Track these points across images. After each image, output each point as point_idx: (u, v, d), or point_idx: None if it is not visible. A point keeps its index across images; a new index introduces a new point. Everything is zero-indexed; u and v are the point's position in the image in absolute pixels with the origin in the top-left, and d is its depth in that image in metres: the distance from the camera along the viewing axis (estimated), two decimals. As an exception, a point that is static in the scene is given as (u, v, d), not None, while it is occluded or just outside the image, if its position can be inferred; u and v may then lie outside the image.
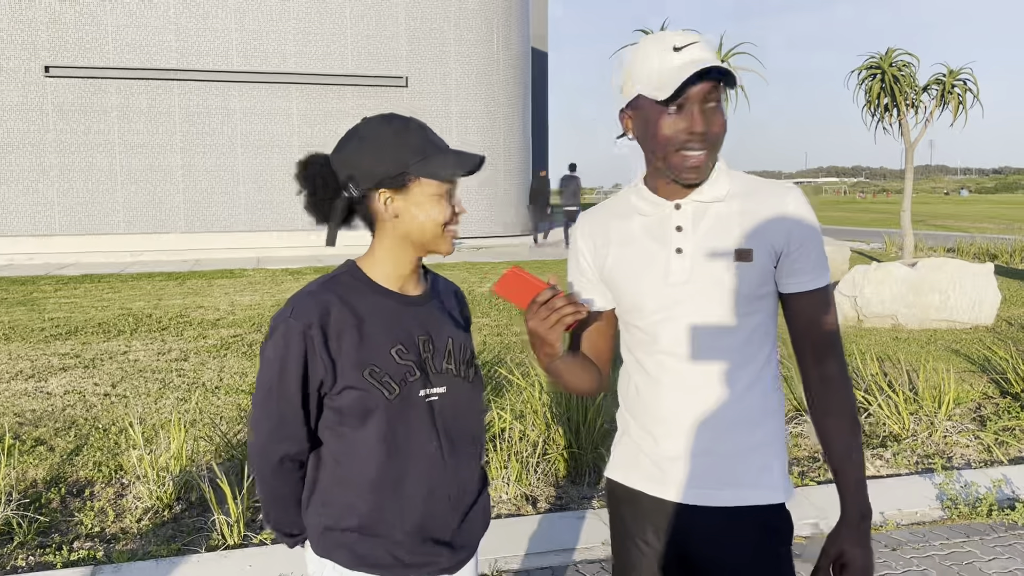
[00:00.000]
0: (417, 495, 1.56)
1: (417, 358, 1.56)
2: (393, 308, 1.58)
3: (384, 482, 1.54)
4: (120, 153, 18.47)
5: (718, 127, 1.50)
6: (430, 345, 1.59)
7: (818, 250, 1.55)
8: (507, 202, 22.10)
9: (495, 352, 6.94)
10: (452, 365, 1.61)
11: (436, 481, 1.58)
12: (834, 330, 1.57)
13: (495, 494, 4.01)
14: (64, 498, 3.94)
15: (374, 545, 1.56)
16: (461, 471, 1.62)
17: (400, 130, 1.54)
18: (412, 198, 1.53)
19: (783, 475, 1.60)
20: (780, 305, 1.61)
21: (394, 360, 1.53)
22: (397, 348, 1.55)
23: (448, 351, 1.61)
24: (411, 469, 1.56)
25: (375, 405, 1.52)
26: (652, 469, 1.62)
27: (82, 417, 5.17)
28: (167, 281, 12.38)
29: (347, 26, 19.85)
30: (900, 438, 4.86)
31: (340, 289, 1.55)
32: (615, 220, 1.64)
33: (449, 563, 1.62)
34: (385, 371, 1.52)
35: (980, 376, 6.20)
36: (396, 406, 1.53)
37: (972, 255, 15.51)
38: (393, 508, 1.56)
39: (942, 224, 28.55)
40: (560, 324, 1.44)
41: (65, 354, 7.06)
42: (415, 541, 1.57)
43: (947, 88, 13.67)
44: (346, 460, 1.55)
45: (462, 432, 1.63)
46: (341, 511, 1.56)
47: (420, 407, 1.56)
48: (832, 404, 1.57)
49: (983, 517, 3.93)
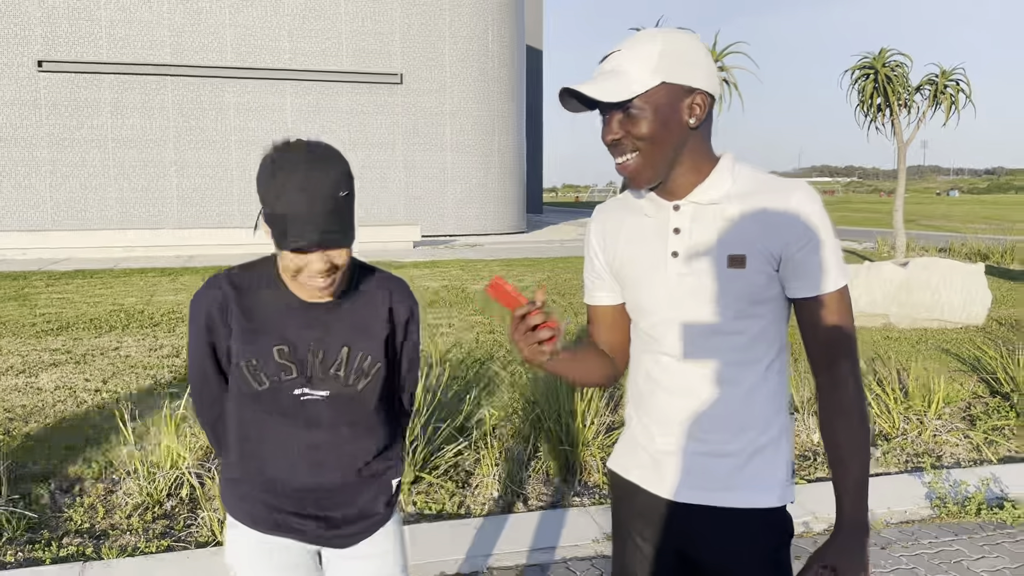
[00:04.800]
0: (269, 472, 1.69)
1: (298, 360, 1.63)
2: (290, 309, 1.65)
3: (246, 455, 1.70)
4: (113, 148, 18.41)
5: (636, 132, 1.47)
6: (320, 352, 1.64)
7: (826, 252, 1.49)
8: (502, 199, 22.10)
9: (487, 349, 6.94)
10: (342, 373, 1.66)
11: (288, 465, 1.68)
12: (846, 334, 1.52)
13: (486, 492, 4.02)
14: (54, 494, 3.93)
15: (237, 499, 1.74)
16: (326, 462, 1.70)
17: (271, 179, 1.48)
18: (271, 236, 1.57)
19: (786, 478, 1.58)
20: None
21: (273, 357, 1.61)
22: (279, 347, 1.62)
23: (341, 360, 1.66)
24: (267, 448, 1.68)
25: (246, 390, 1.64)
26: (650, 465, 1.63)
27: (72, 413, 5.15)
28: (160, 277, 12.34)
29: (342, 23, 19.81)
30: (890, 437, 4.88)
31: (251, 278, 1.66)
32: (627, 216, 1.64)
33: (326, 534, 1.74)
34: (262, 367, 1.61)
35: (970, 376, 6.23)
36: (264, 396, 1.63)
37: (964, 255, 15.56)
38: (248, 473, 1.71)
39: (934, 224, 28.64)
40: (535, 345, 1.40)
41: (56, 350, 7.03)
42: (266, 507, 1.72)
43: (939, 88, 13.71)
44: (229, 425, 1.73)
45: (336, 430, 1.69)
46: (227, 464, 1.77)
47: (290, 402, 1.65)
48: (839, 406, 1.53)
49: (972, 516, 3.95)
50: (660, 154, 1.49)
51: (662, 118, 1.47)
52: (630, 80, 1.46)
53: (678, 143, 1.50)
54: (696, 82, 1.49)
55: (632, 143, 1.49)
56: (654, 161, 1.50)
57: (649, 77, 1.46)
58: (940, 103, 13.78)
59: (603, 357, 1.71)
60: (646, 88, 1.45)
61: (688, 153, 1.52)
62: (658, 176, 1.52)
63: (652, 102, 1.46)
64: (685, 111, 1.49)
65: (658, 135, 1.48)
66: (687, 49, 1.49)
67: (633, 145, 1.49)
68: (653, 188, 1.57)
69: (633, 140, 1.48)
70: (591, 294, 1.73)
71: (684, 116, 1.49)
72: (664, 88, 1.47)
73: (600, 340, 1.73)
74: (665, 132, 1.48)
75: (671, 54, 1.47)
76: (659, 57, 1.46)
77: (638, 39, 1.50)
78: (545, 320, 1.40)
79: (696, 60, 1.49)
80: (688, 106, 1.49)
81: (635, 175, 1.51)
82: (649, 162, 1.50)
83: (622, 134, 1.49)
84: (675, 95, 1.48)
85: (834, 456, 1.54)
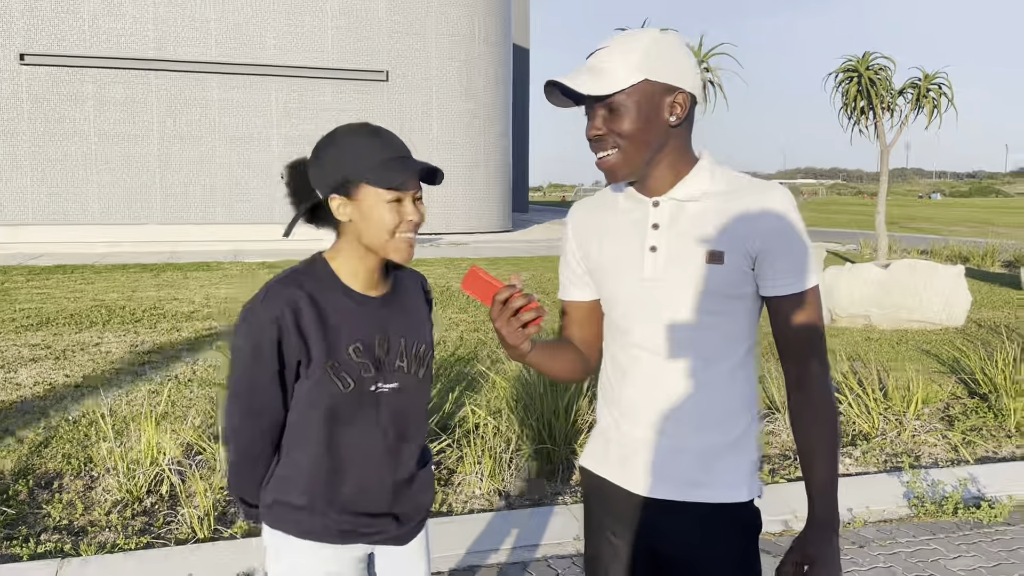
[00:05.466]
0: (354, 476, 1.68)
1: (372, 357, 1.66)
2: (354, 307, 1.67)
3: (323, 463, 1.66)
4: (96, 143, 18.25)
5: (618, 127, 1.49)
6: (385, 344, 1.69)
7: (798, 253, 1.51)
8: (488, 198, 22.09)
9: (471, 347, 6.94)
10: (404, 363, 1.72)
11: (375, 463, 1.70)
12: (816, 333, 1.55)
13: (468, 490, 4.02)
14: (32, 490, 3.90)
15: (312, 518, 1.68)
16: (401, 453, 1.74)
17: (348, 138, 1.60)
18: (360, 205, 1.60)
19: (752, 473, 1.60)
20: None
21: (351, 357, 1.64)
22: (354, 346, 1.64)
23: (401, 351, 1.71)
24: (351, 451, 1.67)
25: (329, 395, 1.63)
26: (619, 461, 1.64)
27: (52, 409, 5.11)
28: (142, 273, 12.26)
29: (328, 19, 19.72)
30: (870, 437, 4.92)
31: (308, 283, 1.64)
32: (603, 212, 1.66)
33: (397, 532, 1.76)
34: (343, 367, 1.63)
35: (949, 377, 6.29)
36: (348, 397, 1.64)
37: (945, 257, 15.70)
38: (330, 485, 1.67)
39: (916, 226, 28.88)
40: (519, 328, 1.43)
41: (36, 345, 6.97)
42: (349, 515, 1.70)
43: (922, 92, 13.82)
44: (293, 440, 1.68)
45: (406, 420, 1.74)
46: (287, 486, 1.69)
47: (369, 398, 1.67)
48: (808, 404, 1.56)
49: (949, 515, 3.99)
50: (640, 151, 1.51)
51: (644, 115, 1.48)
52: (613, 76, 1.47)
53: (659, 140, 1.52)
54: (678, 81, 1.50)
55: (613, 139, 1.50)
56: (633, 158, 1.51)
57: (632, 74, 1.47)
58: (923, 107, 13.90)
59: (576, 352, 1.72)
60: (628, 84, 1.47)
61: (668, 151, 1.54)
62: (635, 173, 1.53)
63: (634, 98, 1.48)
64: (666, 109, 1.50)
65: (639, 132, 1.49)
66: (671, 49, 1.50)
67: (614, 141, 1.50)
68: (631, 184, 1.59)
69: (615, 136, 1.50)
70: (566, 290, 1.74)
71: (665, 114, 1.50)
72: (647, 85, 1.48)
73: (573, 336, 1.74)
74: (646, 129, 1.49)
75: (655, 52, 1.48)
76: (643, 55, 1.48)
77: (624, 37, 1.51)
78: (527, 303, 1.41)
79: (679, 60, 1.51)
80: (670, 104, 1.50)
81: (613, 170, 1.53)
82: (628, 159, 1.51)
83: (604, 130, 1.50)
84: (657, 93, 1.49)
85: (804, 454, 1.56)
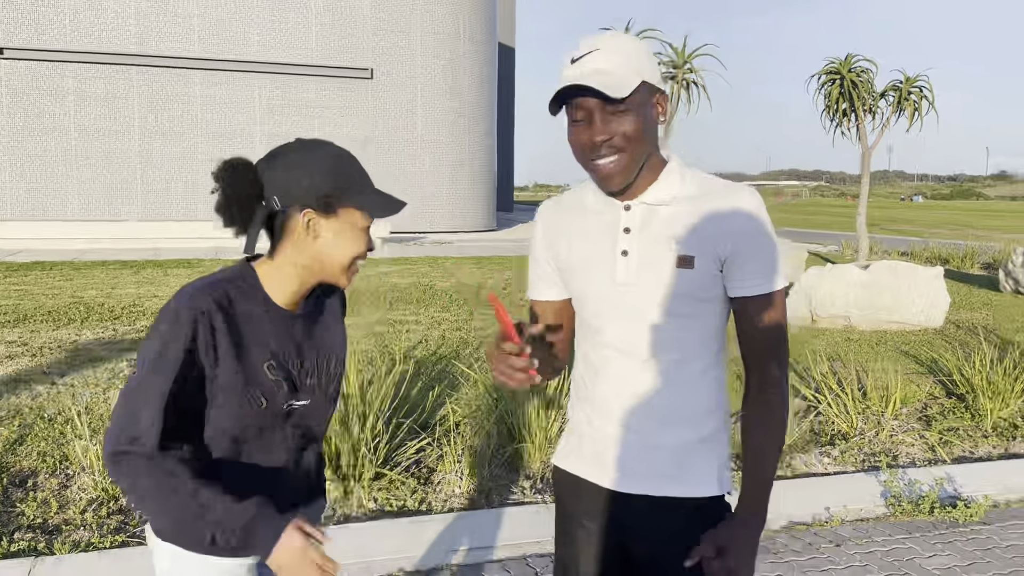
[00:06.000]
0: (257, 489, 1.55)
1: (287, 374, 1.60)
2: (274, 324, 1.59)
3: (226, 476, 1.55)
4: (76, 138, 18.09)
5: (623, 131, 1.46)
6: (299, 362, 1.63)
7: (766, 255, 1.52)
8: (471, 197, 22.07)
9: (452, 347, 6.93)
10: (315, 380, 1.67)
11: (278, 475, 1.64)
12: (780, 335, 1.56)
13: (448, 488, 4.01)
14: (6, 489, 3.85)
15: None
16: (302, 463, 1.70)
17: (340, 156, 1.56)
18: (335, 225, 1.54)
19: (723, 469, 1.62)
20: None
21: (267, 375, 1.56)
22: (268, 363, 1.57)
23: (314, 367, 1.66)
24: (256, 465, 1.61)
25: (240, 413, 1.55)
26: (591, 457, 1.65)
27: (27, 406, 5.05)
28: (122, 270, 12.15)
29: (312, 15, 19.64)
30: (848, 436, 4.95)
31: (232, 291, 1.55)
32: (574, 213, 1.65)
33: None
34: (258, 385, 1.55)
35: (927, 377, 6.34)
36: (260, 415, 1.57)
37: (925, 259, 15.84)
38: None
39: (897, 228, 29.13)
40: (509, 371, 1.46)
41: (12, 342, 6.89)
42: None
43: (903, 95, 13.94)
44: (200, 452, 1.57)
45: (311, 434, 1.70)
46: None
47: (280, 415, 1.61)
48: (765, 406, 1.57)
49: (925, 514, 4.02)
50: (640, 153, 1.50)
51: (644, 117, 1.48)
52: (620, 78, 1.44)
53: (653, 143, 1.52)
54: (659, 82, 1.51)
55: (618, 143, 1.47)
56: (634, 162, 1.49)
57: (633, 76, 1.45)
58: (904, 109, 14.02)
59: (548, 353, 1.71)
60: (633, 87, 1.45)
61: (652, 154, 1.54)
62: (632, 177, 1.52)
63: (636, 101, 1.46)
64: (657, 110, 1.50)
65: (642, 134, 1.48)
66: (646, 49, 1.51)
67: (619, 145, 1.47)
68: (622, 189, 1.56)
69: (620, 140, 1.46)
70: (535, 288, 1.73)
71: (656, 115, 1.50)
72: (644, 87, 1.47)
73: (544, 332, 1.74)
74: (647, 131, 1.49)
75: (642, 54, 1.48)
76: (636, 56, 1.47)
77: (611, 38, 1.49)
78: (519, 351, 1.44)
79: (653, 60, 1.52)
80: (655, 106, 1.50)
81: (616, 176, 1.49)
82: (632, 163, 1.49)
83: (610, 134, 1.46)
84: (650, 94, 1.49)
85: (752, 450, 1.58)
